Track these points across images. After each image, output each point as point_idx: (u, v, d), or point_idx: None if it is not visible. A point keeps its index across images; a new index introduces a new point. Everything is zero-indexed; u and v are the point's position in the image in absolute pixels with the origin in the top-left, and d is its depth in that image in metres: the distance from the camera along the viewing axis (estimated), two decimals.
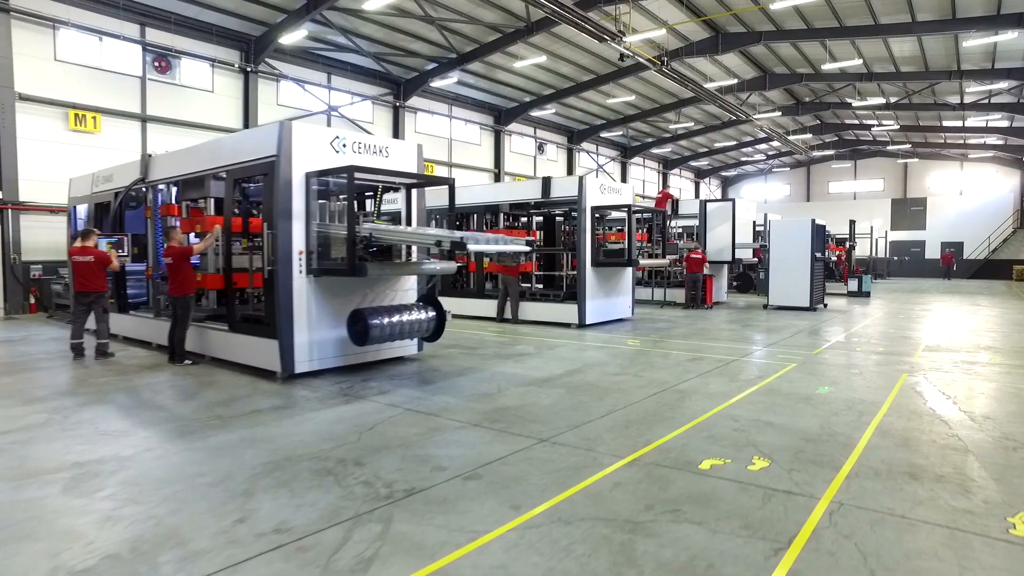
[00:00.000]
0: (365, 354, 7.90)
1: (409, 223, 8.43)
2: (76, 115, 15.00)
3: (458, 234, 6.59)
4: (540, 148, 30.17)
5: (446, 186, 8.24)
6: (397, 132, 22.61)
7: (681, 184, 42.50)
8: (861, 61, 21.82)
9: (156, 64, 16.57)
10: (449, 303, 12.47)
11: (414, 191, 8.46)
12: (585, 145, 32.59)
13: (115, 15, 15.39)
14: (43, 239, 14.58)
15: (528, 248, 7.67)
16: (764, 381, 7.23)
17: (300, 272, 7.19)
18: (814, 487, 3.96)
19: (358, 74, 21.25)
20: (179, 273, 8.16)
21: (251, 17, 17.28)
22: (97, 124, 15.39)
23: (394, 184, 8.29)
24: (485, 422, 5.48)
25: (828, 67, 22.72)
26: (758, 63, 24.43)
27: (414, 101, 23.20)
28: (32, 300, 14.49)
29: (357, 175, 7.07)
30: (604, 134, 32.68)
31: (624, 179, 34.98)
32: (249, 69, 18.21)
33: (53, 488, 3.94)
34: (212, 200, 8.89)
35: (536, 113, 27.57)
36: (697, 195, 43.34)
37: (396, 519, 3.50)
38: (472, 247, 6.53)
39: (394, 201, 8.83)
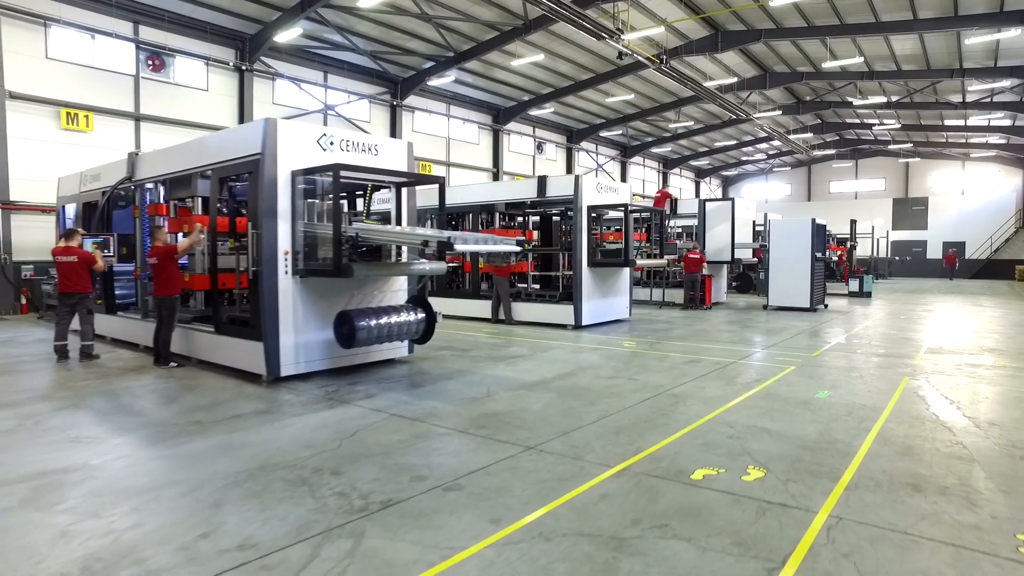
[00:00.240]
0: (354, 356, 7.72)
1: (400, 223, 8.26)
2: (68, 114, 14.83)
3: (446, 234, 6.41)
4: (539, 147, 29.96)
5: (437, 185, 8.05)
6: (394, 131, 22.42)
7: (681, 183, 42.27)
8: (862, 59, 21.62)
9: (150, 62, 16.39)
10: (444, 304, 12.33)
11: (404, 190, 8.29)
12: (584, 144, 32.38)
13: (108, 12, 15.21)
14: (35, 239, 14.42)
15: (518, 248, 7.49)
16: (762, 385, 7.04)
17: (286, 273, 7.02)
18: (811, 500, 3.77)
19: (355, 73, 21.06)
20: (164, 273, 7.99)
21: (246, 15, 17.10)
22: (90, 123, 15.21)
23: (383, 183, 8.12)
24: (471, 428, 5.29)
25: (829, 65, 22.52)
26: (758, 61, 24.21)
27: (411, 100, 23.01)
28: (23, 301, 14.33)
29: (346, 174, 6.91)
30: (603, 133, 32.47)
31: (624, 178, 34.77)
32: (244, 68, 18.02)
33: (11, 500, 3.76)
34: (200, 199, 8.72)
35: (535, 112, 27.35)
36: (697, 194, 43.13)
37: (368, 534, 3.31)
38: (460, 247, 6.36)
39: (388, 201, 8.65)
